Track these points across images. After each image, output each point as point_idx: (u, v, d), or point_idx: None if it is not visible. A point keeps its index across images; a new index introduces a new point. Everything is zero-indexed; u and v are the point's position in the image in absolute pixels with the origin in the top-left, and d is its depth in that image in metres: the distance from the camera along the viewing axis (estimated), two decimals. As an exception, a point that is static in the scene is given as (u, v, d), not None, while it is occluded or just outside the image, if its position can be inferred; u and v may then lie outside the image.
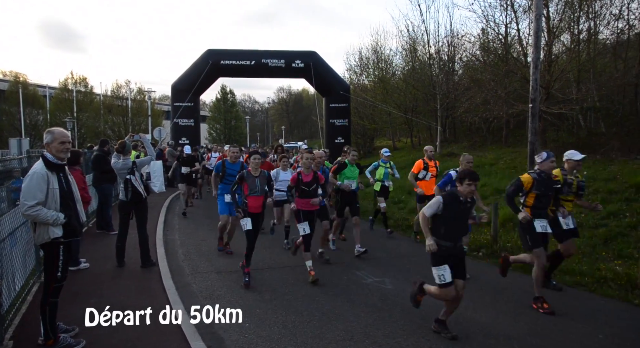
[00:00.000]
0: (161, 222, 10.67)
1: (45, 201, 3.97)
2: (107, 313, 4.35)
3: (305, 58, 22.25)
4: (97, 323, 4.31)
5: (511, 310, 5.33)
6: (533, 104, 9.63)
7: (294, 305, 5.45)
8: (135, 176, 6.84)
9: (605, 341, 4.48)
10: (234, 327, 4.76)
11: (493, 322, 4.99)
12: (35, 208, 3.89)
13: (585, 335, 4.67)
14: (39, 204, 3.92)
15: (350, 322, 4.91)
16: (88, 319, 4.29)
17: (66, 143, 4.16)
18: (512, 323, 4.94)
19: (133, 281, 6.28)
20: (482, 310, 5.33)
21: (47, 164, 4.05)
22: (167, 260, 7.36)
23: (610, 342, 4.46)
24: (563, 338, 4.58)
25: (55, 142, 4.10)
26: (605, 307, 5.43)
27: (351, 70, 30.04)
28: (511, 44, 18.09)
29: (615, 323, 4.93)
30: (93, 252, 7.72)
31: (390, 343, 4.41)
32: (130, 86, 37.73)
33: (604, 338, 4.53)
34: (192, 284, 6.27)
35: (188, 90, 21.57)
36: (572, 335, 4.65)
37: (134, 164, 6.85)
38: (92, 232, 9.50)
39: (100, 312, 4.34)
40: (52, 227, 4.00)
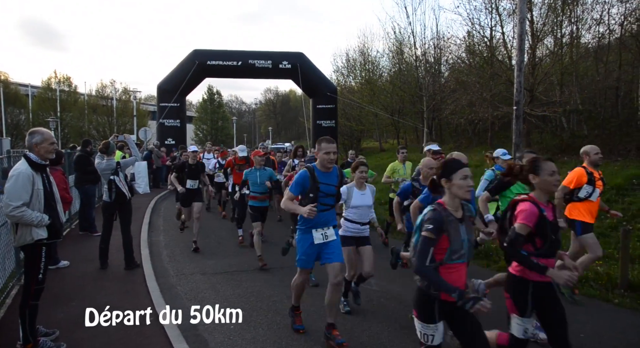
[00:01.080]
0: (146, 223, 10.56)
1: (29, 202, 3.90)
2: (106, 313, 4.26)
3: (293, 59, 22.24)
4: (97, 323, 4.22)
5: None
6: (517, 107, 9.75)
7: (279, 307, 5.42)
8: (120, 176, 6.75)
9: (587, 340, 4.54)
10: (218, 329, 4.73)
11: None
12: (21, 209, 3.82)
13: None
14: (24, 205, 3.85)
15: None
16: (88, 319, 4.20)
17: (54, 144, 4.16)
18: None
19: (116, 283, 6.20)
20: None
21: (31, 165, 3.98)
22: (152, 261, 7.28)
23: (591, 341, 4.52)
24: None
25: (45, 142, 4.06)
26: (586, 307, 5.50)
27: (338, 71, 30.16)
28: (496, 47, 18.34)
29: (596, 322, 5.00)
30: (75, 254, 7.61)
31: (375, 344, 4.41)
32: (115, 86, 37.34)
33: (586, 338, 4.59)
34: (177, 286, 6.21)
35: (174, 90, 21.41)
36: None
37: (118, 164, 6.77)
38: (74, 234, 9.36)
39: (85, 314, 4.28)
40: (35, 228, 3.93)
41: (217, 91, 54.26)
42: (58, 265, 6.70)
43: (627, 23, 17.03)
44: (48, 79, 33.47)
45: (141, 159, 7.27)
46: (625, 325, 5.00)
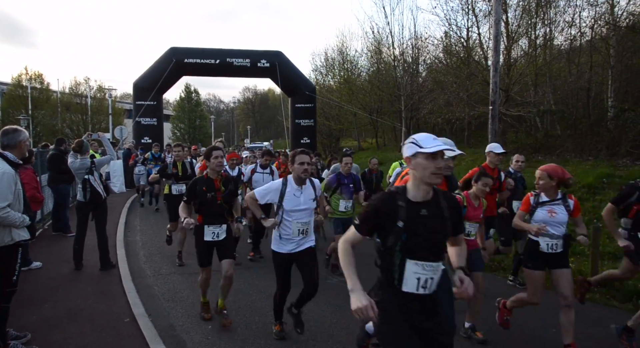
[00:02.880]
0: (122, 223, 10.38)
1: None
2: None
3: (271, 58, 22.14)
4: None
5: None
6: (493, 106, 9.96)
7: (257, 306, 5.41)
8: (94, 176, 6.61)
9: (558, 334, 4.67)
10: (195, 329, 4.69)
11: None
12: (6, 210, 3.72)
13: (539, 328, 4.86)
14: (9, 205, 3.75)
15: (314, 321, 4.91)
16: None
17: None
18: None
19: (91, 285, 6.07)
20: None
21: (8, 164, 3.87)
22: (128, 262, 7.16)
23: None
24: (517, 332, 4.74)
25: (26, 140, 4.06)
26: (558, 303, 5.63)
27: (317, 70, 30.19)
28: (473, 48, 18.64)
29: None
30: (48, 255, 7.42)
31: (353, 343, 4.43)
32: (89, 83, 36.45)
33: (557, 332, 4.72)
34: (154, 286, 6.12)
35: (151, 88, 21.05)
36: (527, 330, 4.83)
37: (92, 163, 6.63)
38: (47, 234, 9.13)
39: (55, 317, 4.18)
40: (16, 229, 3.84)
41: (194, 90, 53.67)
42: (30, 266, 6.53)
43: (597, 26, 17.54)
44: (18, 75, 32.44)
45: (116, 158, 7.11)
46: (596, 318, 5.17)
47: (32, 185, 6.00)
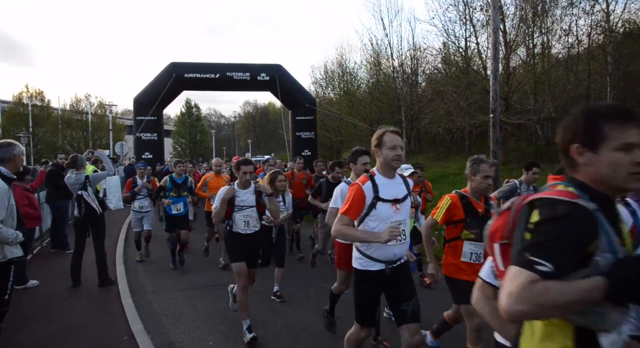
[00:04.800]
0: (122, 239, 10.27)
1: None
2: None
3: (271, 71, 22.18)
4: None
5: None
6: (494, 115, 9.88)
7: (260, 320, 5.26)
8: (88, 191, 6.49)
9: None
10: (196, 345, 4.55)
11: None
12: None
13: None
14: (2, 221, 3.65)
15: (318, 332, 4.78)
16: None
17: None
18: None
19: (89, 302, 5.94)
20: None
21: (3, 179, 3.78)
22: (127, 278, 7.03)
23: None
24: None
25: (20, 154, 3.99)
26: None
27: (317, 83, 30.28)
28: (471, 57, 18.69)
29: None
30: (46, 272, 7.30)
31: None
32: (90, 100, 36.62)
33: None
34: (154, 302, 5.98)
35: (151, 103, 21.06)
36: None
37: (86, 179, 6.52)
38: (46, 251, 9.01)
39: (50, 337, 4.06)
40: (8, 246, 3.73)
41: (195, 104, 53.85)
42: (26, 284, 6.41)
43: (594, 33, 17.62)
44: (19, 93, 32.62)
45: (114, 174, 7.04)
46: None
47: (22, 203, 5.91)
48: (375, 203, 3.03)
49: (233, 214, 4.64)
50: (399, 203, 3.09)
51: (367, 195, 3.02)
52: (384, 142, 3.05)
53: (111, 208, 6.96)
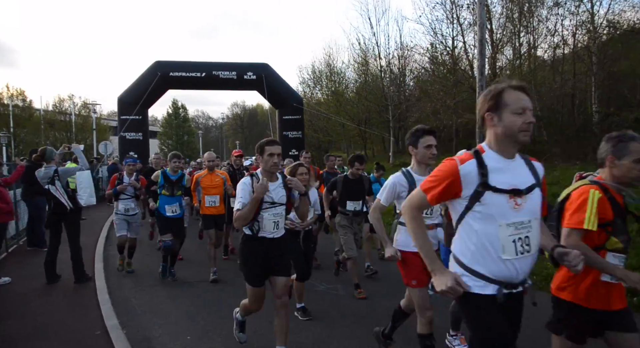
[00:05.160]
0: (103, 237, 10.01)
1: None
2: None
3: (257, 70, 22.02)
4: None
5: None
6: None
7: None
8: (56, 185, 6.22)
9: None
10: (173, 340, 4.37)
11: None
12: None
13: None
14: None
15: (303, 331, 4.63)
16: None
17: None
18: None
19: (63, 298, 5.72)
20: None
21: None
22: (105, 274, 6.82)
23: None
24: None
25: None
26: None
27: (304, 83, 30.14)
28: (458, 57, 18.73)
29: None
30: (21, 270, 7.06)
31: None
32: (74, 100, 35.99)
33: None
34: (132, 299, 5.77)
35: (136, 102, 20.74)
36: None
37: (55, 173, 6.28)
38: (22, 250, 8.73)
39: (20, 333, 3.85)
40: None
41: (182, 105, 53.37)
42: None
43: (579, 34, 17.76)
44: (0, 93, 31.95)
45: (86, 169, 6.69)
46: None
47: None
48: (482, 193, 2.06)
49: (260, 213, 3.60)
50: (521, 195, 2.09)
51: (467, 179, 2.07)
52: (506, 103, 2.07)
53: (82, 204, 6.61)
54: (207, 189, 6.76)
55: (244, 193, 3.54)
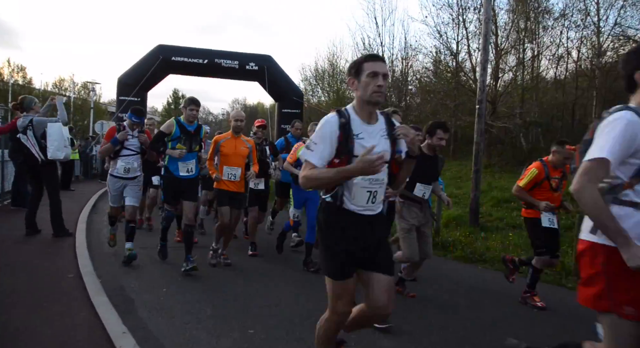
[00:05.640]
0: (89, 205, 9.83)
1: None
2: None
3: (260, 61, 21.95)
4: None
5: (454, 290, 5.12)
6: (480, 106, 9.78)
7: (213, 271, 4.96)
8: (27, 135, 6.04)
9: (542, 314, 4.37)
10: (148, 291, 4.22)
11: (444, 308, 4.75)
12: None
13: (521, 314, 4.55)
14: None
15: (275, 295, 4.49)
16: None
17: None
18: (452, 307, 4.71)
19: (40, 246, 5.60)
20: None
21: None
22: (87, 233, 6.64)
23: (541, 315, 4.35)
24: (502, 315, 4.41)
25: None
26: (542, 291, 5.35)
27: (306, 80, 30.10)
28: (462, 62, 18.72)
29: (549, 303, 4.78)
30: (2, 226, 6.87)
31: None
32: (74, 80, 35.80)
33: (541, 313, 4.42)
34: (111, 256, 5.60)
35: (135, 84, 20.59)
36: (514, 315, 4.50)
37: (30, 123, 6.08)
38: (6, 209, 8.54)
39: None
40: None
41: (182, 95, 53.24)
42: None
43: (585, 49, 17.83)
44: (0, 68, 31.78)
45: (64, 122, 6.27)
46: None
47: None
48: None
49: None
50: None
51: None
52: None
53: (48, 156, 6.22)
54: (228, 158, 5.29)
55: (324, 142, 2.26)
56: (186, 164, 5.08)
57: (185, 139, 5.03)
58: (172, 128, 5.00)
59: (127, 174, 5.27)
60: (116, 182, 5.30)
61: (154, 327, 3.32)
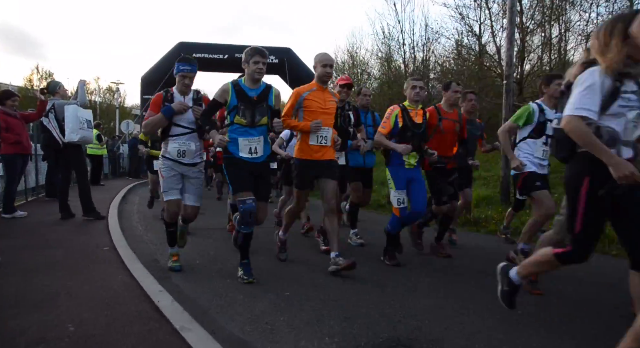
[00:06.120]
0: (119, 197, 9.99)
1: None
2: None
3: (280, 54, 21.96)
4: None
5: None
6: (507, 81, 9.51)
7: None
8: (49, 118, 6.16)
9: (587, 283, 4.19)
10: (185, 264, 4.22)
11: (468, 285, 4.62)
12: None
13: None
14: None
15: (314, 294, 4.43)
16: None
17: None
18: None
19: (75, 227, 5.69)
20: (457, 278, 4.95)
21: None
22: (118, 218, 6.72)
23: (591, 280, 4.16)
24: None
25: None
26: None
27: (326, 74, 29.92)
28: (485, 44, 18.30)
29: (593, 270, 4.59)
30: (37, 209, 7.02)
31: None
32: (99, 83, 36.58)
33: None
34: (143, 236, 5.65)
35: (158, 82, 20.86)
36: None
37: (52, 106, 6.19)
38: (41, 200, 8.72)
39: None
40: None
41: (204, 93, 53.74)
42: (14, 214, 6.16)
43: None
44: (30, 75, 32.74)
45: (80, 104, 6.25)
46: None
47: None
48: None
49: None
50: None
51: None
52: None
53: (65, 140, 6.24)
54: (314, 115, 4.05)
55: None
56: (250, 142, 3.65)
57: (244, 109, 3.62)
58: (226, 95, 3.64)
59: (181, 158, 3.85)
60: (169, 166, 3.84)
61: (190, 290, 3.31)
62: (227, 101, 3.65)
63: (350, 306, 3.09)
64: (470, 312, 3.05)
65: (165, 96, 3.90)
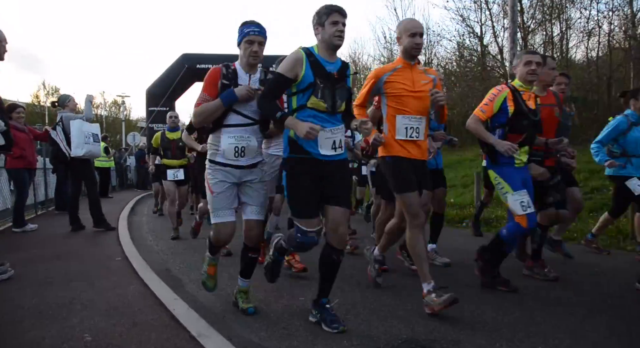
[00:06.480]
0: (128, 208, 10.03)
1: None
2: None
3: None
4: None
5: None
6: (512, 79, 9.49)
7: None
8: (57, 130, 6.20)
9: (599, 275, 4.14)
10: (195, 273, 4.18)
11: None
12: None
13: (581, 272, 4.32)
14: None
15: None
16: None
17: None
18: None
19: (86, 239, 5.71)
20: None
21: None
22: (129, 229, 6.73)
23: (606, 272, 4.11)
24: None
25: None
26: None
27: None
28: (487, 45, 18.30)
29: (604, 264, 4.55)
30: (47, 222, 7.07)
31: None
32: (104, 97, 36.92)
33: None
34: (154, 246, 5.65)
35: (163, 94, 21.04)
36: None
37: (60, 119, 6.25)
38: (50, 214, 8.78)
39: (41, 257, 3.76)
40: None
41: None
42: (24, 227, 6.19)
43: (619, 20, 17.12)
44: (37, 91, 33.12)
45: (86, 119, 6.29)
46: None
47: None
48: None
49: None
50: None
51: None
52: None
53: (71, 154, 6.25)
54: (403, 101, 3.10)
55: None
56: (331, 133, 2.68)
57: (324, 87, 2.63)
58: (299, 68, 2.62)
59: (240, 158, 2.83)
60: (221, 174, 2.83)
61: (204, 298, 3.29)
62: (299, 77, 2.61)
63: (367, 309, 3.06)
64: (489, 310, 3.02)
65: (226, 72, 2.80)
